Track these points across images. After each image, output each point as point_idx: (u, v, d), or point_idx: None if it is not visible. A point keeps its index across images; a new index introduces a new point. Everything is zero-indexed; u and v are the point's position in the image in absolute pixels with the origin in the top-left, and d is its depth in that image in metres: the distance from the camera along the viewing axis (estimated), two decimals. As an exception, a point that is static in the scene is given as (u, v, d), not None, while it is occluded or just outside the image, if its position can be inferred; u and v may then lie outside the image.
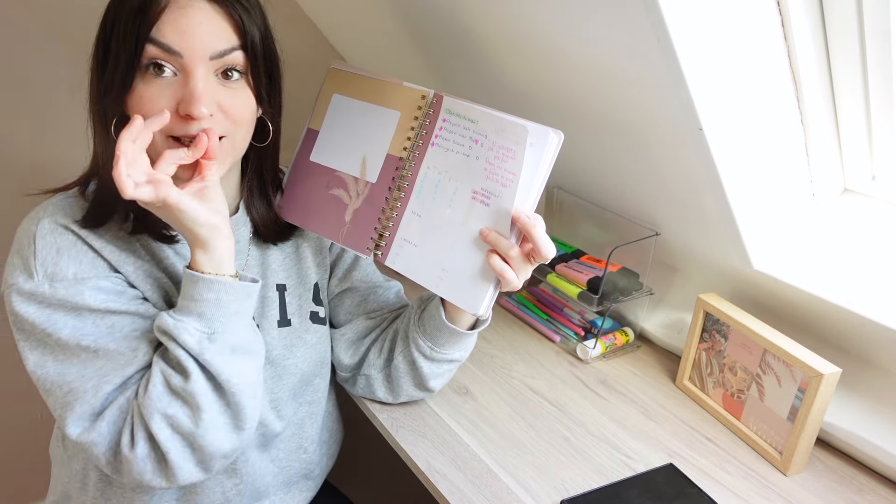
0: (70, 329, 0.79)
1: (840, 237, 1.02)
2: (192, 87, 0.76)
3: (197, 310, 0.79)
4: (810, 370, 0.92)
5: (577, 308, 1.30)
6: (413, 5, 1.15)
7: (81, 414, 0.79)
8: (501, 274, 0.82)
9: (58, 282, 0.79)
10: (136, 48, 0.76)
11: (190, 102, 0.76)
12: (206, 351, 0.78)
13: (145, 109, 0.77)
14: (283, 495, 1.01)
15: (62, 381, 0.79)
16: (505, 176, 0.82)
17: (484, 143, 0.84)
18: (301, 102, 0.99)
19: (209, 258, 0.79)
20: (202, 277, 0.78)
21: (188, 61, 0.76)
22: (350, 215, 0.94)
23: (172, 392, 0.78)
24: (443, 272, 0.87)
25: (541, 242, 0.81)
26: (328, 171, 0.96)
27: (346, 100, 0.96)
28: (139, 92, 0.78)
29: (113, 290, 0.81)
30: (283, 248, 0.98)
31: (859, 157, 1.01)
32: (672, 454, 0.99)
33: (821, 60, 0.91)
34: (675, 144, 0.94)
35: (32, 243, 0.79)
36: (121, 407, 0.79)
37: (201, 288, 0.79)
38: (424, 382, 0.98)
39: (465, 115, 0.85)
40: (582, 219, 1.34)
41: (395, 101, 0.92)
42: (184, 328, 0.78)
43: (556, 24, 0.90)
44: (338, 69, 0.97)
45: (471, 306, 0.86)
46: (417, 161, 0.89)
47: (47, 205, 0.83)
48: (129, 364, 0.80)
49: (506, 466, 0.95)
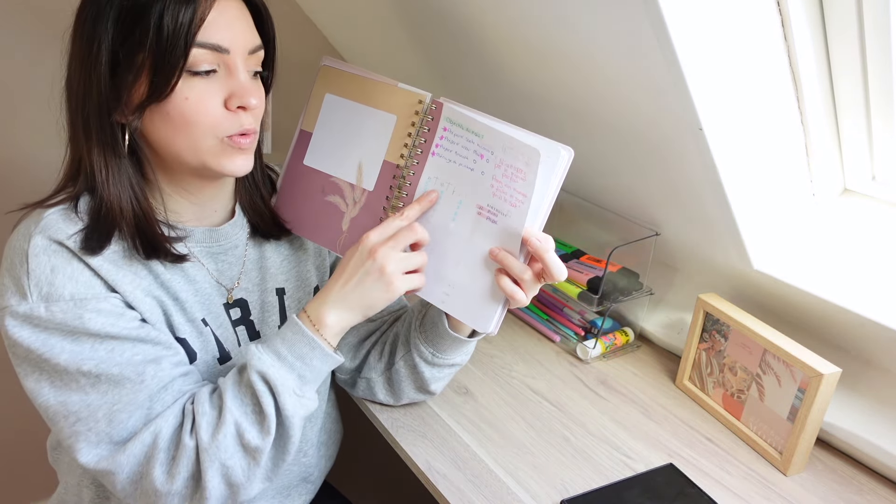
0: (68, 354, 0.75)
1: (840, 237, 1.02)
2: (240, 79, 0.77)
3: (300, 371, 0.80)
4: (810, 370, 0.92)
5: (577, 308, 1.30)
6: (414, 5, 1.15)
7: (96, 443, 0.76)
8: (512, 296, 0.81)
9: (54, 303, 0.74)
10: (184, 55, 0.73)
11: (243, 95, 0.77)
12: (297, 415, 0.79)
13: (194, 112, 0.76)
14: (281, 500, 1.00)
15: (66, 411, 0.76)
16: (514, 196, 0.79)
17: (490, 160, 0.81)
18: (302, 103, 0.98)
19: (338, 333, 0.82)
20: (322, 349, 0.80)
21: (233, 56, 0.76)
22: (347, 224, 0.91)
23: (243, 447, 0.77)
24: (449, 288, 0.85)
25: (553, 265, 0.79)
26: (323, 176, 0.93)
27: (340, 100, 0.92)
28: (182, 95, 0.75)
29: (112, 313, 0.77)
30: (281, 251, 0.97)
31: (859, 157, 1.01)
32: (672, 454, 0.99)
33: (821, 60, 0.91)
34: (675, 144, 0.94)
35: (25, 262, 0.75)
36: (144, 442, 0.76)
37: (317, 356, 0.80)
38: (426, 386, 0.98)
39: (469, 127, 0.82)
40: (582, 219, 1.34)
41: (391, 104, 0.88)
42: (285, 388, 0.78)
43: (555, 24, 0.90)
44: (329, 66, 0.93)
45: (480, 325, 0.84)
46: (417, 170, 0.86)
47: (37, 219, 0.78)
48: (138, 390, 0.76)
49: (506, 466, 0.95)
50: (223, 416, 0.76)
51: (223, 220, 0.91)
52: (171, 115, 0.76)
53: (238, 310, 0.91)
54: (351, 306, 0.81)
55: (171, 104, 0.75)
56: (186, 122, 0.76)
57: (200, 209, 0.87)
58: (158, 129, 0.78)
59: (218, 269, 0.89)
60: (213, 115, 0.77)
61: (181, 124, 0.76)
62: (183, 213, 0.86)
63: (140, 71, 0.74)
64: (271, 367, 0.78)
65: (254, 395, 0.77)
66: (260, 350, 0.79)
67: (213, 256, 0.89)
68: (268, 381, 0.77)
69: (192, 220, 0.87)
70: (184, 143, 0.77)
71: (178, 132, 0.77)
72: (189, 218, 0.87)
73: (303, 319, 0.81)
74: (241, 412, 0.77)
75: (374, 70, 0.91)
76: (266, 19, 0.82)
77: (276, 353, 0.79)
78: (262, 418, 0.77)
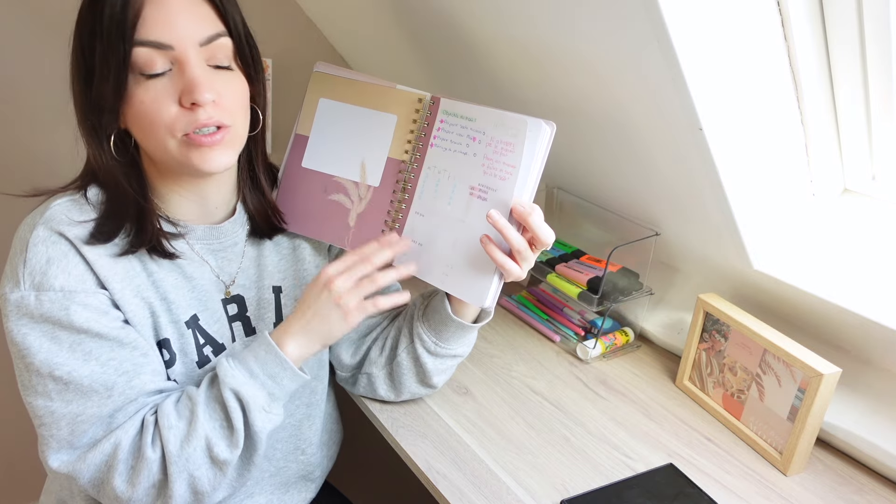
0: (45, 354, 0.76)
1: (840, 237, 1.02)
2: (190, 75, 0.75)
3: (271, 389, 0.82)
4: (810, 370, 0.92)
5: (577, 308, 1.30)
6: (414, 8, 1.15)
7: (57, 448, 0.78)
8: (503, 265, 0.83)
9: (44, 293, 0.76)
10: (124, 56, 0.73)
11: (192, 90, 0.75)
12: (265, 430, 0.81)
13: (150, 115, 0.76)
14: (280, 495, 1.01)
15: (32, 412, 0.79)
16: (503, 169, 0.84)
17: (482, 140, 0.85)
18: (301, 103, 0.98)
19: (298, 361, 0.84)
20: (293, 370, 0.83)
21: (179, 51, 0.75)
22: (354, 219, 0.94)
23: (212, 459, 0.79)
24: (447, 268, 0.88)
25: (539, 230, 0.82)
26: (324, 176, 0.96)
27: (335, 104, 0.95)
28: (138, 99, 0.76)
29: (98, 309, 0.78)
30: (279, 249, 0.97)
31: (859, 157, 1.01)
32: (672, 454, 0.99)
33: (821, 60, 0.91)
34: (675, 144, 0.94)
35: (24, 251, 0.77)
36: (104, 452, 0.78)
37: (287, 376, 0.83)
38: (428, 378, 0.98)
39: (463, 113, 0.87)
40: (582, 219, 1.34)
41: (390, 105, 0.92)
42: (256, 405, 0.80)
43: (555, 24, 0.90)
44: (322, 73, 0.96)
45: (476, 299, 0.87)
46: (419, 162, 0.90)
47: (45, 208, 0.80)
48: (104, 404, 0.78)
49: (506, 466, 0.95)
50: (194, 429, 0.79)
51: (224, 217, 0.91)
52: (135, 118, 0.77)
53: (235, 306, 0.92)
54: (310, 337, 0.85)
55: (133, 108, 0.76)
56: (147, 124, 0.77)
57: (202, 207, 0.88)
58: (135, 133, 0.80)
59: (218, 266, 0.90)
60: (167, 115, 0.76)
61: (144, 126, 0.78)
62: (185, 211, 0.87)
63: (103, 77, 0.75)
64: (244, 384, 0.80)
65: (224, 410, 0.80)
66: (232, 366, 0.81)
67: (213, 253, 0.90)
68: (240, 398, 0.80)
69: (194, 217, 0.88)
70: (153, 143, 0.79)
71: (146, 135, 0.79)
72: (191, 215, 0.88)
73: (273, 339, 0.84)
74: (210, 426, 0.79)
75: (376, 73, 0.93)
76: (225, 6, 0.79)
77: (248, 371, 0.82)
78: (231, 433, 0.80)
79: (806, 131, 0.97)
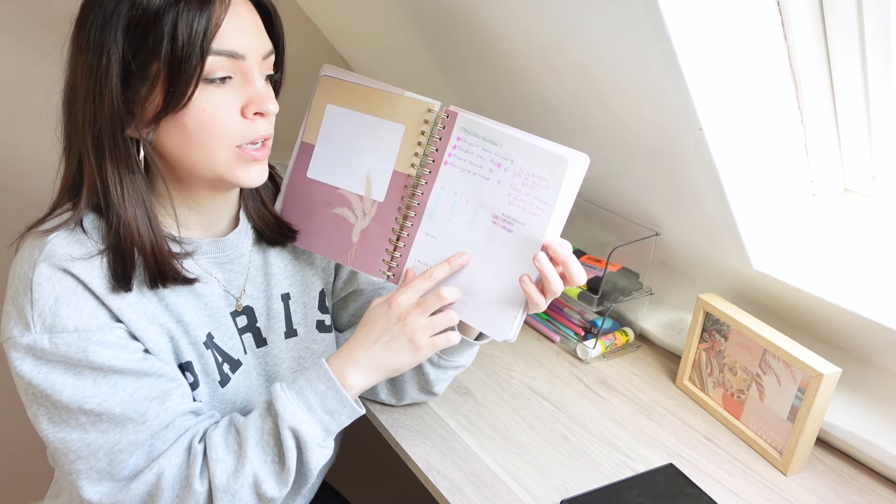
0: (71, 390, 0.73)
1: (840, 237, 1.02)
2: (258, 85, 0.76)
3: (328, 425, 0.80)
4: (810, 370, 0.92)
5: (577, 308, 1.30)
6: (424, 11, 1.15)
7: (97, 480, 0.75)
8: (534, 300, 0.79)
9: (58, 335, 0.72)
10: (200, 64, 0.70)
11: (262, 100, 0.75)
12: (318, 467, 0.80)
13: (211, 122, 0.74)
14: (280, 498, 1.00)
15: (66, 448, 0.75)
16: (534, 204, 0.79)
17: (509, 168, 0.80)
18: (302, 107, 0.97)
19: (358, 392, 0.82)
20: (353, 407, 0.81)
21: (249, 62, 0.75)
22: (357, 235, 0.90)
23: (259, 496, 0.78)
24: (465, 297, 0.84)
25: (575, 269, 0.79)
26: (329, 188, 0.91)
27: (342, 111, 0.90)
28: (199, 106, 0.73)
29: (116, 345, 0.75)
30: (284, 256, 0.95)
31: (859, 157, 1.01)
32: (672, 454, 0.99)
33: (821, 60, 0.91)
34: (675, 144, 0.94)
35: (29, 291, 0.72)
36: (148, 482, 0.75)
37: (346, 413, 0.81)
38: (429, 387, 0.98)
39: (486, 136, 0.81)
40: (582, 219, 1.34)
41: (398, 113, 0.86)
42: (313, 443, 0.79)
43: (555, 25, 0.90)
44: (330, 77, 0.90)
45: (497, 332, 0.83)
46: (429, 179, 0.85)
47: (41, 245, 0.74)
48: (140, 430, 0.75)
49: (506, 466, 0.95)
50: (242, 465, 0.76)
51: (228, 228, 0.89)
52: (188, 126, 0.73)
53: (244, 317, 0.90)
54: (375, 371, 0.82)
55: (188, 115, 0.73)
56: (203, 133, 0.74)
57: (207, 220, 0.86)
58: (173, 142, 0.75)
59: (226, 279, 0.88)
60: (230, 124, 0.75)
61: (197, 135, 0.74)
62: (190, 225, 0.84)
63: (154, 82, 0.71)
64: (304, 422, 0.78)
65: (279, 447, 0.78)
66: (291, 399, 0.79)
67: (220, 266, 0.87)
68: (297, 435, 0.78)
69: (198, 231, 0.85)
70: (199, 154, 0.76)
71: (193, 143, 0.75)
72: (195, 229, 0.85)
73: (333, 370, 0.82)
74: (260, 461, 0.77)
75: (378, 75, 0.91)
76: (276, 22, 0.81)
77: (306, 405, 0.80)
78: (282, 469, 0.78)
79: (806, 131, 0.97)
